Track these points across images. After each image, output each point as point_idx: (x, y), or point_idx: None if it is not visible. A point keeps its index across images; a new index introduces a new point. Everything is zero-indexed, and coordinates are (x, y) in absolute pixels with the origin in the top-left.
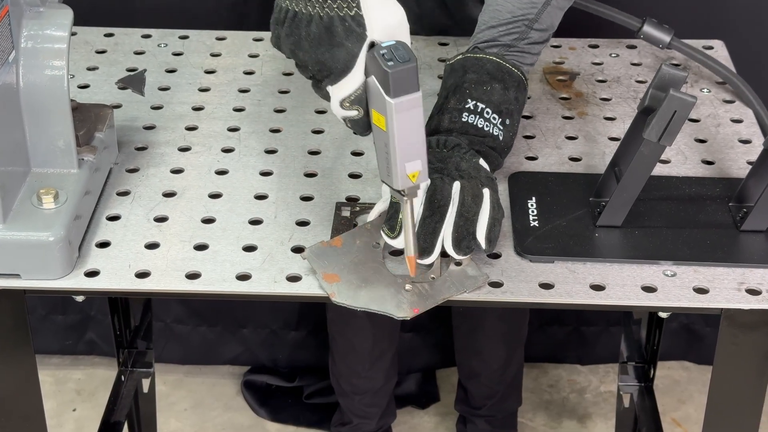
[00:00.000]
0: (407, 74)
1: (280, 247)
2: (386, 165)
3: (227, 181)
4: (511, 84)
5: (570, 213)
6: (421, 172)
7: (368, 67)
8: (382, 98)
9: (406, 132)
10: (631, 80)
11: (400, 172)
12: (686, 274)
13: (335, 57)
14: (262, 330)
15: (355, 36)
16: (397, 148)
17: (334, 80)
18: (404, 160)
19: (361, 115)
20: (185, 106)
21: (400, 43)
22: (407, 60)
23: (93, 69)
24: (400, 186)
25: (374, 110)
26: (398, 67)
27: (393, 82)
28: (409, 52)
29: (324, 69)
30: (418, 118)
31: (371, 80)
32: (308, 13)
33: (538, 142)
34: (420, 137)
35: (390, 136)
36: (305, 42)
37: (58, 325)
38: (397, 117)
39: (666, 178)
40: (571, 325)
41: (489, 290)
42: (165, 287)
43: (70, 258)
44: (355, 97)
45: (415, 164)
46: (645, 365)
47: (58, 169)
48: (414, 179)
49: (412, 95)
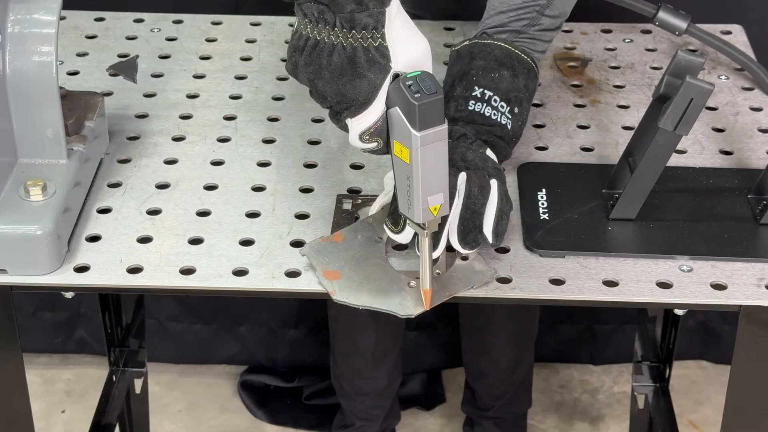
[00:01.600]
0: (434, 106)
1: (278, 241)
2: (407, 197)
3: (223, 172)
4: (520, 71)
5: (582, 205)
6: (443, 206)
7: (391, 97)
8: (407, 130)
9: (431, 165)
10: (646, 66)
11: (423, 205)
12: (703, 270)
13: (357, 88)
14: (260, 328)
15: (378, 67)
16: (421, 182)
17: (354, 113)
18: (427, 193)
19: (380, 146)
20: (179, 93)
21: (425, 74)
22: (434, 92)
23: (83, 55)
24: (421, 220)
25: (396, 141)
26: (425, 100)
27: (420, 114)
28: (435, 84)
29: (344, 101)
30: (443, 150)
31: (395, 111)
32: (331, 42)
33: (548, 131)
34: (444, 170)
35: (414, 170)
36: (326, 72)
37: (46, 322)
38: (423, 150)
39: (682, 169)
40: (584, 324)
41: (497, 286)
42: (158, 283)
43: (58, 253)
44: (375, 130)
45: (438, 197)
46: (660, 365)
47: (46, 160)
48: (435, 212)
49: (438, 128)
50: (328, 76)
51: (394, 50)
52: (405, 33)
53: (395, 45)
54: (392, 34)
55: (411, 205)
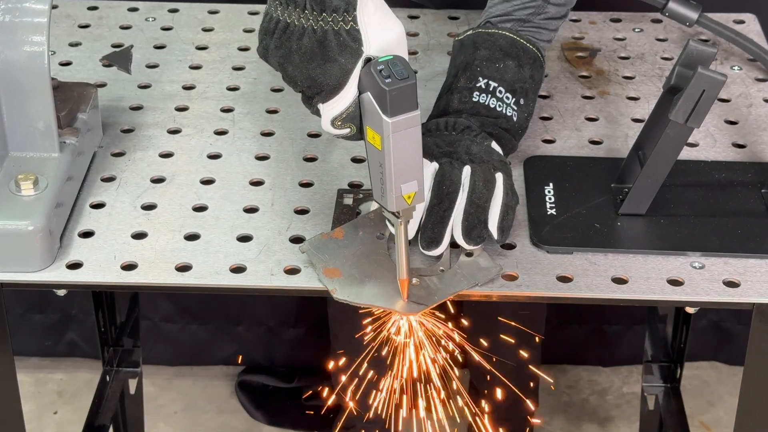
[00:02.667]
0: (406, 92)
1: (277, 237)
2: (380, 185)
3: (220, 165)
4: (526, 61)
5: (590, 200)
6: (417, 194)
7: (363, 82)
8: (378, 116)
9: (403, 152)
10: (656, 57)
11: (396, 193)
12: (715, 266)
13: (327, 73)
14: (258, 327)
15: (349, 51)
16: (393, 169)
17: (325, 98)
18: (400, 181)
19: (353, 132)
20: (175, 85)
21: (398, 58)
22: (406, 77)
23: (75, 45)
24: (394, 208)
25: (369, 127)
26: (396, 85)
27: (391, 100)
28: (407, 69)
29: (315, 86)
30: (416, 137)
31: (366, 96)
32: (301, 25)
33: (555, 123)
34: (417, 157)
35: (386, 157)
36: (296, 56)
37: (36, 324)
38: (395, 136)
39: (694, 162)
40: (592, 324)
41: (503, 283)
42: (153, 280)
43: (50, 249)
44: (347, 115)
45: (412, 185)
46: (671, 365)
47: (37, 153)
48: (409, 201)
49: (410, 114)
50: (298, 60)
51: (366, 34)
52: (378, 16)
53: (367, 29)
54: (364, 18)
55: (384, 193)
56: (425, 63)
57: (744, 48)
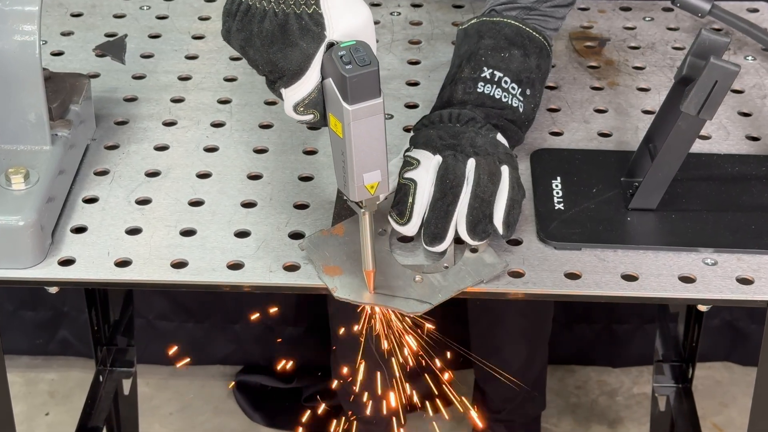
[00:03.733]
0: (367, 79)
1: (276, 233)
2: (343, 174)
3: (217, 159)
4: (532, 50)
5: (599, 195)
6: (380, 184)
7: (325, 68)
8: (339, 103)
9: (365, 140)
10: (668, 47)
11: (358, 183)
12: (728, 263)
13: (288, 58)
14: (256, 325)
15: (311, 36)
16: (355, 158)
17: (287, 82)
18: (362, 170)
19: (317, 119)
20: (170, 75)
21: (360, 44)
22: (368, 63)
23: (68, 34)
24: (356, 198)
25: (331, 114)
26: (357, 72)
27: (351, 87)
28: (370, 55)
29: (276, 70)
30: (379, 125)
31: (328, 83)
32: (263, 7)
33: (563, 115)
34: (380, 146)
35: (347, 145)
36: (257, 39)
37: (27, 322)
38: (355, 124)
39: (706, 155)
40: (601, 323)
41: (509, 280)
42: (148, 277)
43: (42, 245)
44: (309, 101)
45: (374, 175)
46: (683, 364)
47: (28, 146)
48: (373, 191)
49: (371, 102)
50: (259, 43)
51: (329, 18)
52: (343, 0)
53: (331, 13)
54: (328, 2)
55: (346, 182)
56: (429, 53)
57: (758, 39)
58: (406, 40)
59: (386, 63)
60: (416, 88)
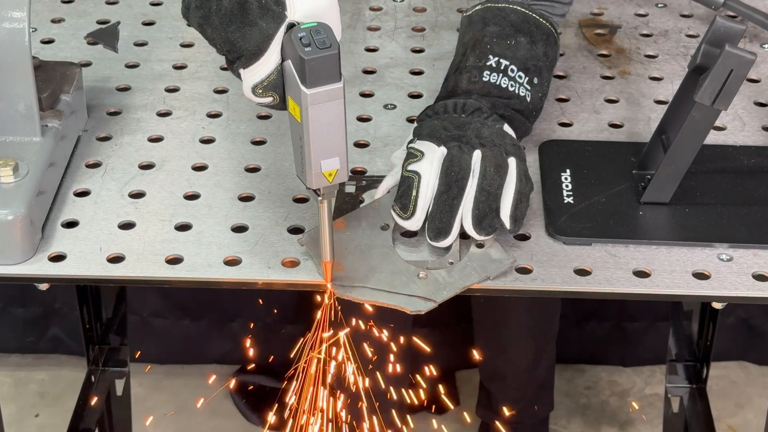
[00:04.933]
0: (326, 62)
1: (274, 228)
2: (301, 160)
3: (213, 150)
4: (539, 37)
5: (610, 188)
6: (339, 171)
7: (285, 50)
8: (297, 87)
9: (323, 126)
10: (681, 34)
11: (315, 170)
12: (744, 259)
13: (247, 37)
14: (254, 324)
15: (271, 15)
16: (312, 144)
17: (245, 63)
18: (320, 156)
19: (276, 102)
20: (165, 64)
21: (321, 26)
22: (328, 46)
23: (58, 21)
24: (313, 185)
25: (290, 98)
26: (316, 54)
27: (309, 70)
28: (331, 38)
29: (234, 50)
30: (338, 110)
31: (288, 65)
32: None
33: (573, 105)
34: (340, 133)
35: (305, 130)
36: (215, 17)
37: (16, 319)
38: (313, 109)
39: (721, 147)
40: (612, 321)
41: (516, 277)
42: (142, 273)
43: (32, 240)
44: (268, 83)
45: (333, 162)
46: (697, 364)
47: (18, 137)
48: (331, 179)
49: (331, 86)
50: (218, 21)
51: None
52: None
53: None
54: None
55: (304, 168)
56: (433, 40)
57: None
58: (409, 27)
59: (389, 51)
60: (420, 77)
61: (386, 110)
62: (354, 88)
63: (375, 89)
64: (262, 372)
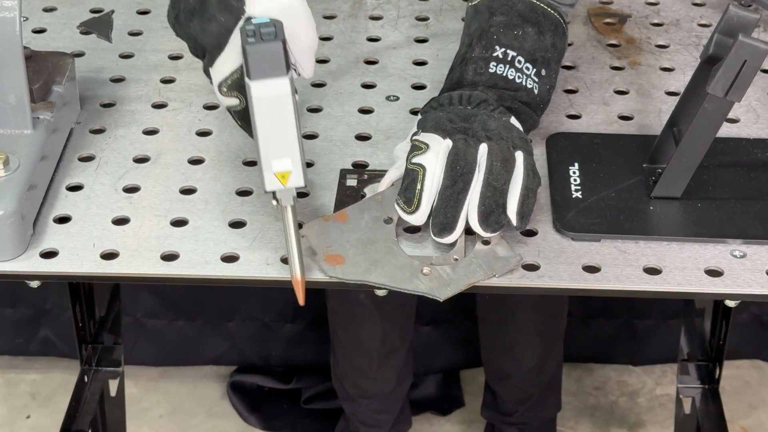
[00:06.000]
0: (268, 54)
1: (273, 223)
2: (258, 162)
3: (210, 143)
4: (547, 27)
5: (620, 182)
6: (292, 174)
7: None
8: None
9: (270, 122)
10: (693, 23)
11: (266, 169)
12: (758, 255)
13: (207, 32)
14: (252, 323)
15: (229, 10)
16: (261, 140)
17: (209, 61)
18: (270, 156)
19: (243, 105)
20: (160, 54)
21: (274, 21)
22: (272, 39)
23: (50, 10)
24: (267, 187)
25: None
26: (258, 45)
27: (251, 60)
28: (279, 32)
29: (197, 46)
30: (287, 107)
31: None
32: None
33: (581, 97)
34: (289, 131)
35: (253, 125)
36: (182, 15)
37: (6, 320)
38: (258, 103)
39: (734, 140)
40: (622, 318)
41: (523, 274)
42: (136, 270)
43: (22, 236)
44: (232, 82)
45: (284, 163)
46: (709, 364)
47: (8, 130)
48: (285, 181)
49: (276, 79)
50: (183, 18)
51: None
52: None
53: None
54: None
55: (260, 170)
56: (437, 30)
57: None
58: (412, 16)
59: (391, 41)
60: (424, 67)
61: (388, 102)
62: (355, 79)
63: (377, 80)
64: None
